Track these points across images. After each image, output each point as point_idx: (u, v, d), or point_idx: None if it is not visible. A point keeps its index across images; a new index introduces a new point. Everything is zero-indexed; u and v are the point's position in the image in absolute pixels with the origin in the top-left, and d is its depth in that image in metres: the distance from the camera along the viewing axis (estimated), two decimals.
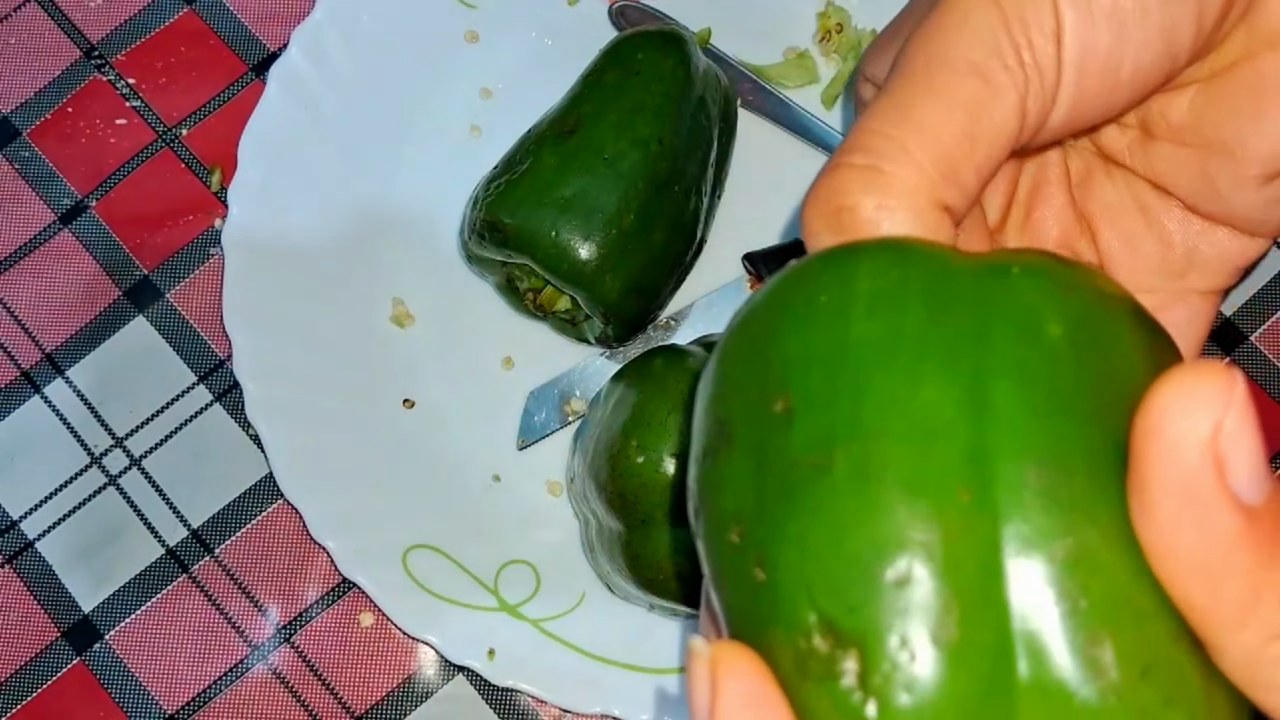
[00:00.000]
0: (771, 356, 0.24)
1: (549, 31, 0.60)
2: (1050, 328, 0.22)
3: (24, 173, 0.60)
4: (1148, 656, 0.21)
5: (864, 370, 0.22)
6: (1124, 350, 0.23)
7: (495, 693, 0.54)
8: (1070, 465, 0.21)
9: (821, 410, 0.22)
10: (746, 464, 0.23)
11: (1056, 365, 0.22)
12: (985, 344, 0.22)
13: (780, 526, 0.22)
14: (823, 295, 0.24)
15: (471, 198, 0.54)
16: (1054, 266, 0.24)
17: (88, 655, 0.55)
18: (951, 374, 0.22)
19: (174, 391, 0.57)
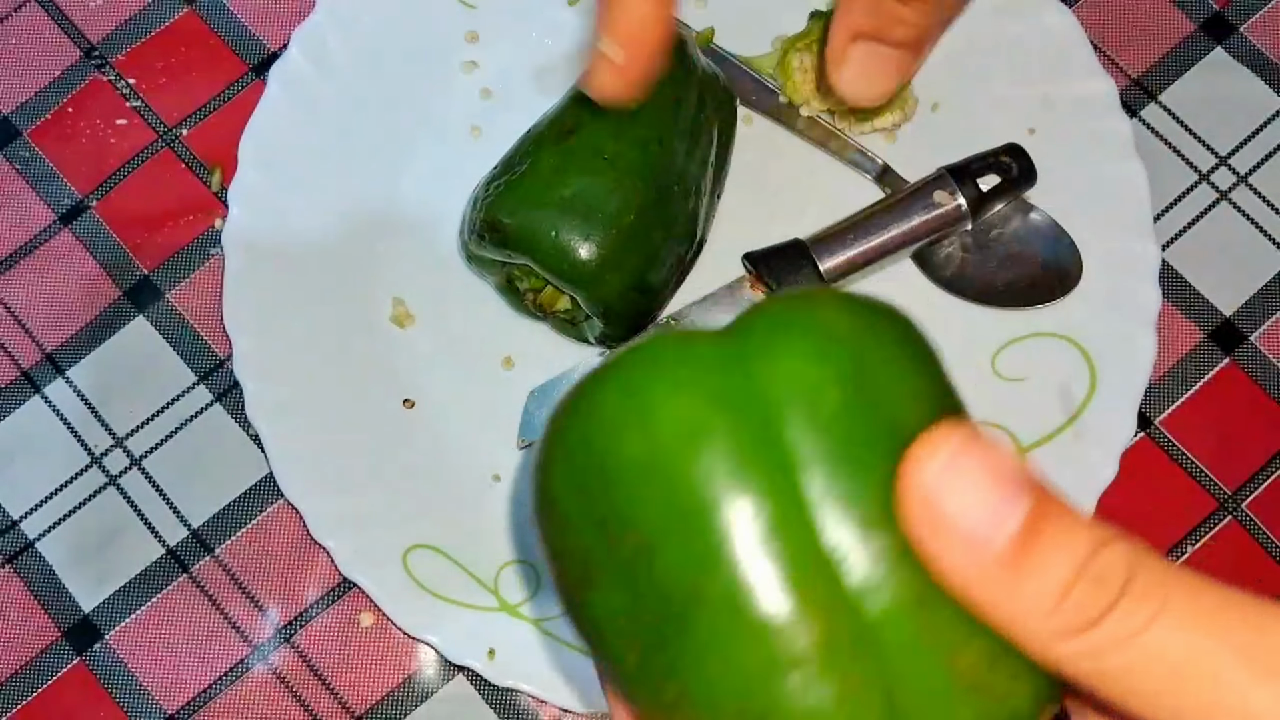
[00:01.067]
0: (595, 487, 0.27)
1: (549, 32, 0.60)
2: (829, 397, 0.26)
3: (24, 173, 0.60)
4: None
5: (694, 496, 0.25)
6: (893, 389, 0.26)
7: (495, 692, 0.54)
8: (883, 519, 0.25)
9: (674, 544, 0.25)
10: (620, 598, 0.26)
11: (846, 431, 0.26)
12: (782, 441, 0.26)
13: (678, 655, 0.25)
14: (628, 419, 0.26)
15: (471, 198, 0.54)
16: (812, 318, 0.27)
17: (88, 655, 0.55)
18: (771, 485, 0.25)
19: (174, 391, 0.57)
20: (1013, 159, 0.55)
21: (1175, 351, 0.57)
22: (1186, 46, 0.60)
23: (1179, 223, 0.58)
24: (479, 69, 0.60)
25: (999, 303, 0.56)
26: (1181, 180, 0.59)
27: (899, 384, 0.27)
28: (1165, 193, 0.58)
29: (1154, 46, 0.60)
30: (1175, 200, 0.59)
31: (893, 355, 0.27)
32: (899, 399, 0.26)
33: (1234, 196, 0.59)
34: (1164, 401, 0.57)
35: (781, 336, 0.27)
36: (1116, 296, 0.55)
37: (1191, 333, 0.57)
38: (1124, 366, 0.54)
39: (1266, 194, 0.59)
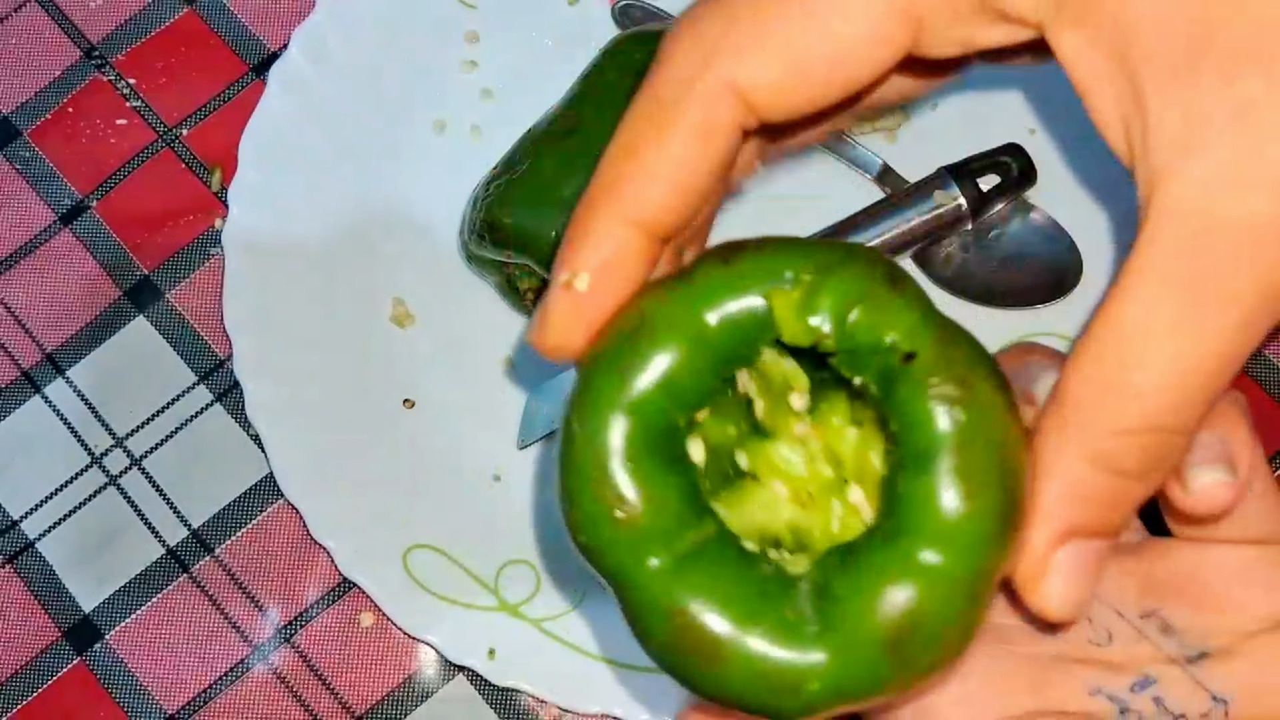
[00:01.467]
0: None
1: (549, 31, 0.60)
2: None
3: (24, 173, 0.60)
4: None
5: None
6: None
7: (495, 693, 0.54)
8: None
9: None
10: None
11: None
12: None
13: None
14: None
15: (471, 198, 0.54)
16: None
17: (88, 655, 0.55)
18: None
19: (174, 391, 0.57)
20: (1012, 159, 0.55)
21: None
22: None
23: None
24: (479, 69, 0.60)
25: (999, 303, 0.56)
26: None
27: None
28: None
29: None
30: None
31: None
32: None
33: None
34: None
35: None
36: None
37: None
38: None
39: None
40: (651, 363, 0.28)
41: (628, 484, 0.28)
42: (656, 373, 0.28)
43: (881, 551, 0.28)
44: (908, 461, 0.28)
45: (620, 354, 0.28)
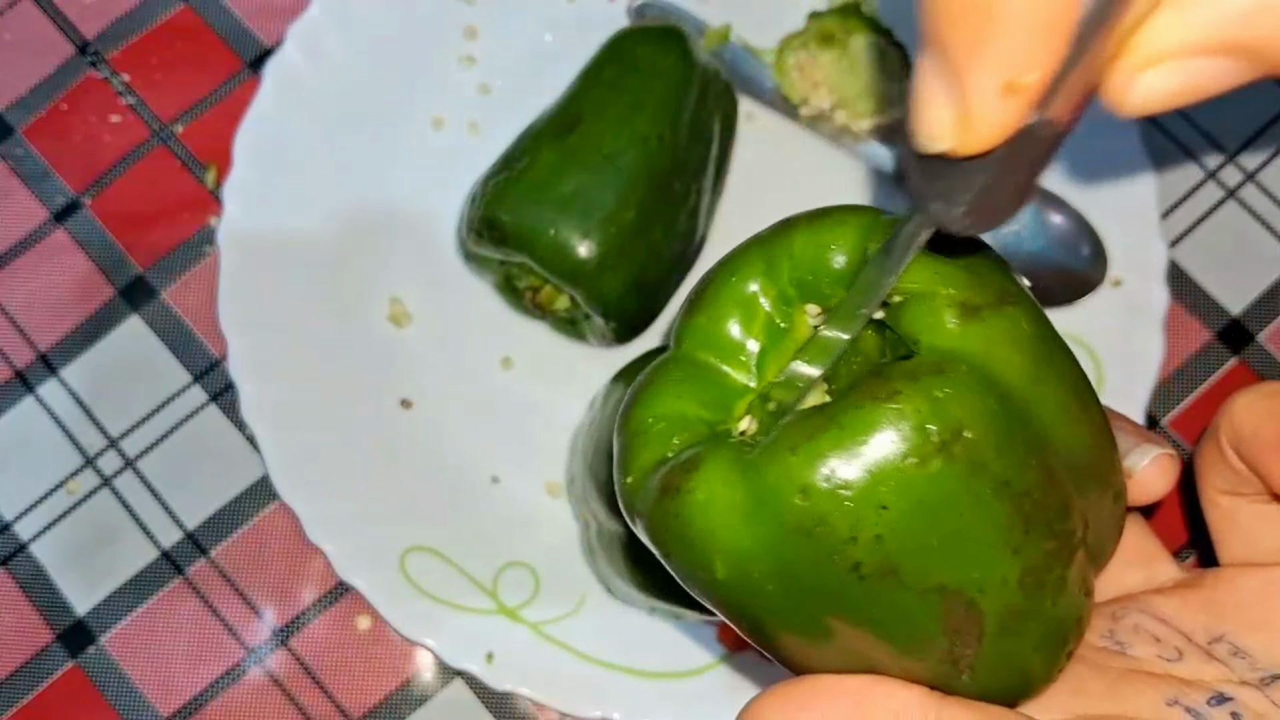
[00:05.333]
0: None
1: (548, 27, 0.60)
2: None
3: (18, 170, 0.59)
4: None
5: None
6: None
7: (494, 697, 0.53)
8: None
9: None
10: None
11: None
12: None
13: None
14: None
15: (469, 195, 0.53)
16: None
17: (82, 658, 0.54)
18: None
19: (169, 392, 0.57)
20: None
21: (1183, 351, 0.56)
22: None
23: (1186, 221, 0.58)
24: (477, 65, 0.59)
25: None
26: (1189, 178, 0.58)
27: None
28: (1173, 191, 0.58)
29: None
30: (1183, 198, 0.58)
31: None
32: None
33: (1242, 195, 0.58)
34: (1171, 401, 0.56)
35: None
36: (1124, 295, 0.54)
37: (1199, 332, 0.57)
38: (1131, 366, 0.54)
39: (1275, 192, 0.58)
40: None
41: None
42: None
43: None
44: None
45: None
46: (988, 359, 0.28)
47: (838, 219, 0.31)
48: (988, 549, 0.28)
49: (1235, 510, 0.37)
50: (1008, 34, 0.23)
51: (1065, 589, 0.30)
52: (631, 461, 0.31)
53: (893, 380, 0.27)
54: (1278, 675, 0.32)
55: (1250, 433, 0.35)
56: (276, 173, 0.56)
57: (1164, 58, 0.24)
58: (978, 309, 0.29)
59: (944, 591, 0.28)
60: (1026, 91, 0.24)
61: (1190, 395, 0.56)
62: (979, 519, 0.28)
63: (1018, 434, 0.28)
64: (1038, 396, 0.29)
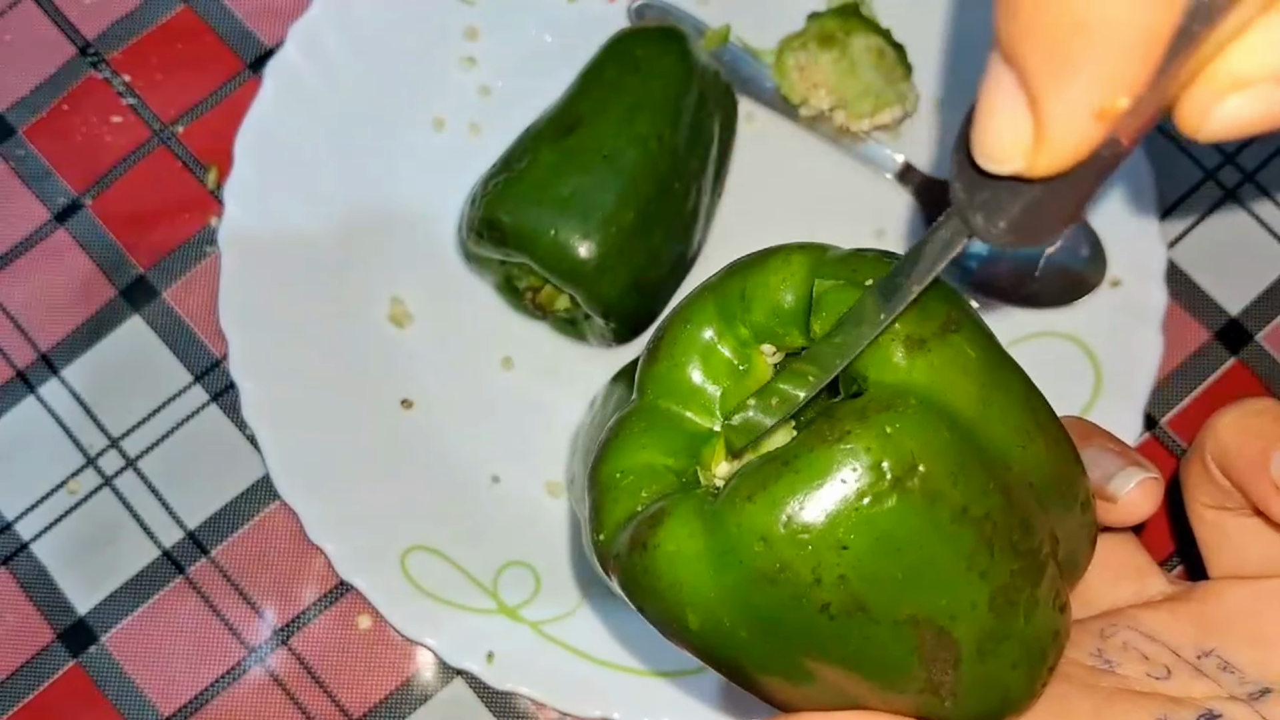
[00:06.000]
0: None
1: (549, 28, 0.60)
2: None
3: (19, 170, 0.60)
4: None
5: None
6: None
7: (494, 696, 0.53)
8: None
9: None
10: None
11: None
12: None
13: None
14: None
15: (470, 196, 0.53)
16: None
17: (83, 658, 0.54)
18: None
19: (170, 391, 0.57)
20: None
21: (1181, 351, 0.56)
22: None
23: (1185, 221, 0.58)
24: (478, 66, 0.59)
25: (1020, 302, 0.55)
26: (1188, 178, 0.58)
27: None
28: (1172, 191, 0.58)
29: None
30: (1182, 198, 0.58)
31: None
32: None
33: (1241, 195, 0.58)
34: (1170, 402, 0.56)
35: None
36: (1122, 296, 0.55)
37: (1198, 332, 0.57)
38: (1130, 366, 0.54)
39: (1274, 192, 0.58)
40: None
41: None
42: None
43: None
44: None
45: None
46: (936, 390, 0.29)
47: (783, 258, 0.32)
48: (953, 576, 0.28)
49: (1222, 524, 0.37)
50: (1104, 55, 0.21)
51: (1038, 606, 0.30)
52: (603, 518, 0.31)
53: (843, 420, 0.28)
54: (1267, 689, 0.32)
55: (1233, 451, 0.35)
56: (277, 173, 0.56)
57: (1252, 82, 0.23)
58: (922, 341, 0.29)
59: (915, 622, 0.28)
60: (1117, 117, 0.22)
61: (1189, 395, 0.56)
62: (941, 548, 0.28)
63: (972, 460, 0.28)
64: (989, 419, 0.29)
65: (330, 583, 0.55)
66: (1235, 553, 0.37)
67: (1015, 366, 0.31)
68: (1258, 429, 0.35)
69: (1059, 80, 0.22)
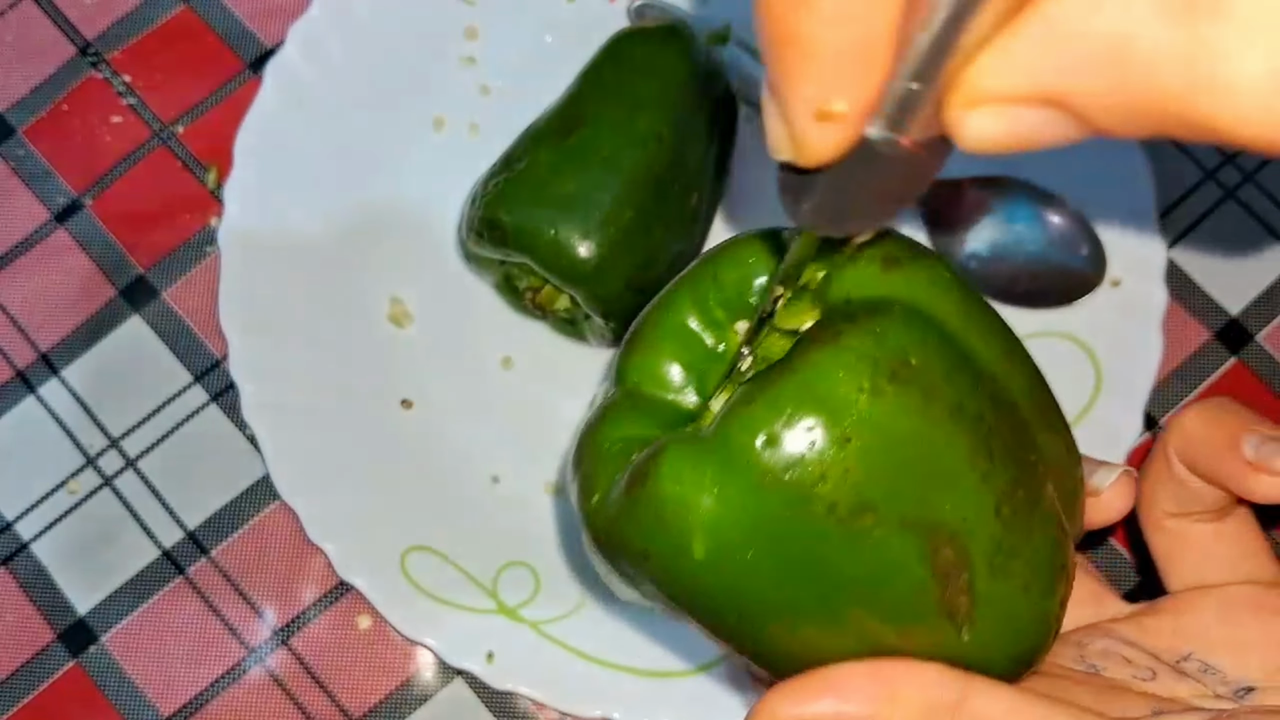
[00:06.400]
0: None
1: (549, 28, 0.60)
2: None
3: (19, 171, 0.60)
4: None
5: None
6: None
7: (494, 696, 0.53)
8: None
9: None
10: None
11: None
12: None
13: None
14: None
15: (470, 196, 0.53)
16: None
17: (83, 658, 0.54)
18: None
19: (170, 392, 0.57)
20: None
21: (1181, 351, 0.56)
22: None
23: (1185, 221, 0.58)
24: (478, 65, 0.59)
25: (1018, 302, 0.55)
26: (1188, 178, 0.58)
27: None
28: (1171, 190, 0.58)
29: None
30: (1182, 198, 0.58)
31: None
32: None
33: (1241, 195, 0.58)
34: (1170, 402, 0.56)
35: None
36: (1122, 295, 0.54)
37: (1198, 332, 0.57)
38: (1130, 366, 0.54)
39: (1274, 191, 0.58)
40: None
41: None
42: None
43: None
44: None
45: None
46: (918, 300, 0.30)
47: (748, 242, 0.33)
48: (956, 476, 0.28)
49: (1185, 532, 0.37)
50: (816, 64, 0.23)
51: (1042, 524, 0.30)
52: (594, 484, 0.31)
53: (833, 323, 0.29)
54: (1251, 687, 0.32)
55: (1202, 441, 0.36)
56: (277, 173, 0.56)
57: (986, 100, 0.23)
58: (897, 259, 0.30)
59: (924, 526, 0.28)
60: (841, 119, 0.24)
61: (1189, 395, 0.56)
62: (941, 444, 0.28)
63: (962, 364, 0.29)
64: (972, 335, 0.30)
65: (330, 583, 0.55)
66: (1197, 561, 0.37)
67: (992, 310, 0.32)
68: (1221, 420, 0.36)
69: (783, 82, 0.24)
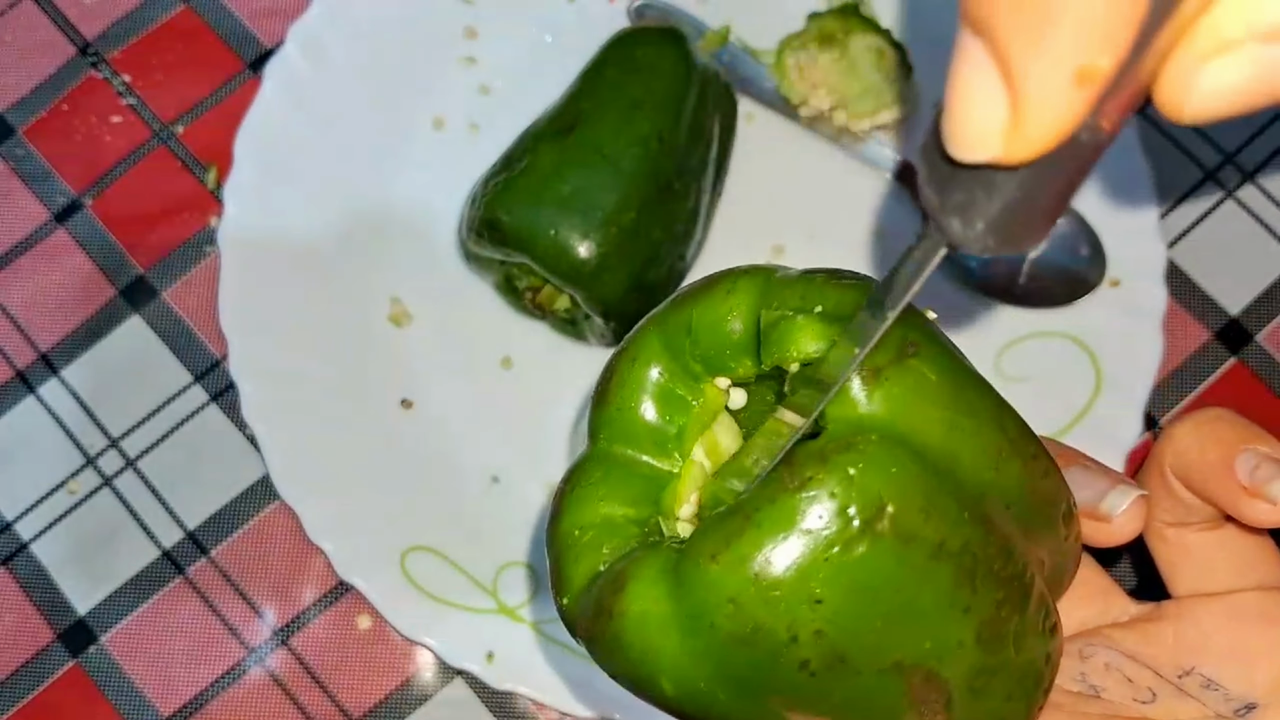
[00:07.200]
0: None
1: (548, 28, 0.60)
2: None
3: (19, 171, 0.60)
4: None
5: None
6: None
7: (494, 696, 0.53)
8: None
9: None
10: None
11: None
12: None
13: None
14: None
15: (470, 195, 0.53)
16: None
17: (83, 658, 0.54)
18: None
19: (170, 392, 0.57)
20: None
21: (1181, 351, 0.56)
22: None
23: (1185, 221, 0.58)
24: (477, 65, 0.59)
25: (1019, 301, 0.55)
26: (1188, 178, 0.58)
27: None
28: (1171, 191, 0.58)
29: None
30: (1181, 198, 0.58)
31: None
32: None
33: (1240, 195, 0.58)
34: (1170, 402, 0.56)
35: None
36: (1122, 295, 0.54)
37: (1198, 332, 0.57)
38: (1130, 366, 0.54)
39: (1273, 192, 0.58)
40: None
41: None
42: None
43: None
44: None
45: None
46: (898, 421, 0.27)
47: (727, 286, 0.30)
48: (936, 616, 0.27)
49: (1185, 542, 0.37)
50: (1081, 10, 0.19)
51: (1027, 634, 0.29)
52: (565, 581, 0.30)
53: (803, 466, 0.26)
54: (1252, 705, 0.32)
55: (1195, 459, 0.35)
56: (277, 173, 0.56)
57: (1237, 43, 0.20)
58: (878, 371, 0.27)
59: (901, 668, 0.27)
60: (1100, 80, 0.20)
61: (1189, 395, 0.56)
62: (920, 588, 0.26)
63: (944, 492, 0.27)
64: (958, 445, 0.27)
65: (330, 583, 0.55)
66: (1200, 570, 0.36)
67: (982, 382, 0.29)
68: (1216, 435, 0.34)
69: (1034, 40, 0.20)
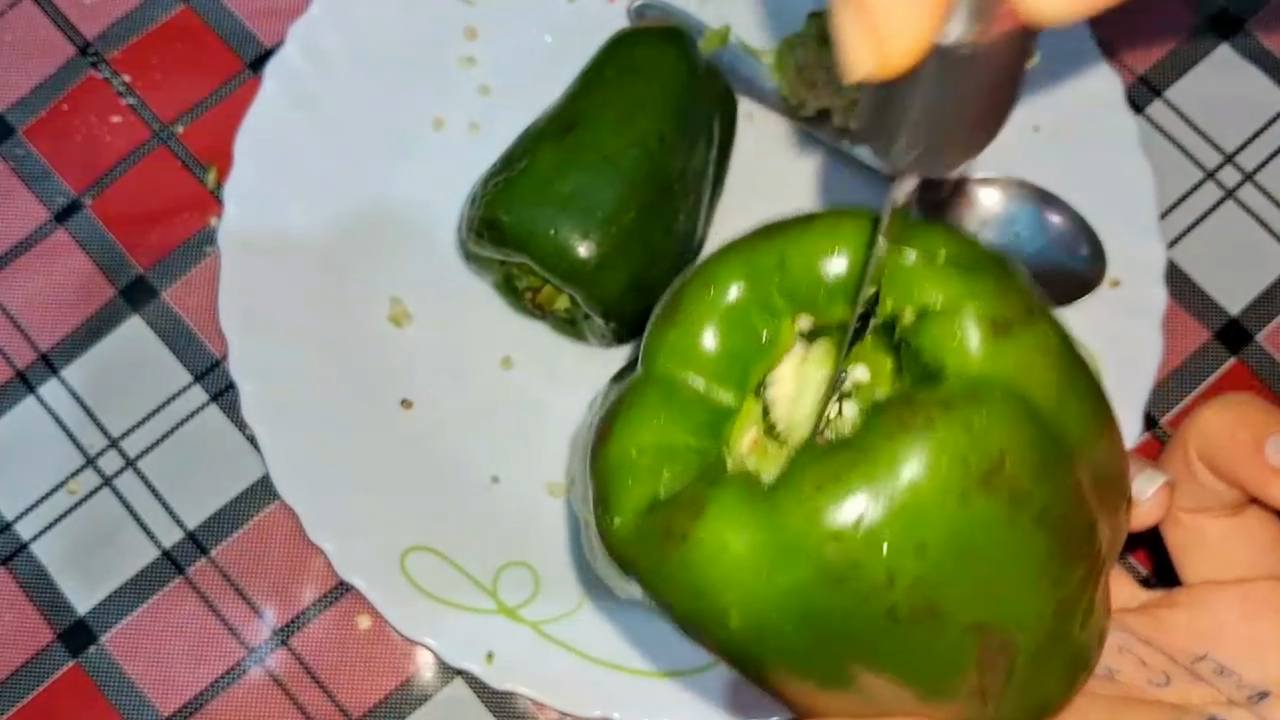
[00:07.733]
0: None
1: (548, 28, 0.60)
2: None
3: (19, 170, 0.60)
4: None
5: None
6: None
7: (494, 696, 0.53)
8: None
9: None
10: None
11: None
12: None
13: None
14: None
15: (470, 195, 0.53)
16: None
17: (83, 658, 0.54)
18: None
19: (169, 392, 0.57)
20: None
21: (1181, 351, 0.56)
22: (1192, 43, 0.59)
23: (1185, 221, 0.58)
24: (477, 65, 0.59)
25: None
26: (1187, 178, 0.58)
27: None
28: (1171, 191, 0.58)
29: (1160, 43, 0.60)
30: (1181, 198, 0.58)
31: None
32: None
33: (1240, 195, 0.58)
34: (1170, 402, 0.56)
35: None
36: (1122, 295, 0.55)
37: (1198, 332, 0.57)
38: (1129, 366, 0.54)
39: (1273, 192, 0.58)
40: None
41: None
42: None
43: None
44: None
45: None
46: (1019, 379, 0.26)
47: (831, 224, 0.29)
48: (1026, 583, 0.26)
49: (1202, 528, 0.37)
50: None
51: (1093, 612, 0.28)
52: (618, 500, 0.28)
53: (925, 407, 0.25)
54: (1266, 693, 0.32)
55: (1224, 442, 0.35)
56: (277, 173, 0.56)
57: None
58: (1008, 325, 0.26)
59: (981, 629, 0.26)
60: None
61: (1189, 395, 0.56)
62: (1019, 553, 0.26)
63: (1053, 457, 0.26)
64: (1066, 410, 0.27)
65: (330, 583, 0.55)
66: (1216, 556, 0.36)
67: (1081, 361, 0.29)
68: (1244, 418, 0.34)
69: None
